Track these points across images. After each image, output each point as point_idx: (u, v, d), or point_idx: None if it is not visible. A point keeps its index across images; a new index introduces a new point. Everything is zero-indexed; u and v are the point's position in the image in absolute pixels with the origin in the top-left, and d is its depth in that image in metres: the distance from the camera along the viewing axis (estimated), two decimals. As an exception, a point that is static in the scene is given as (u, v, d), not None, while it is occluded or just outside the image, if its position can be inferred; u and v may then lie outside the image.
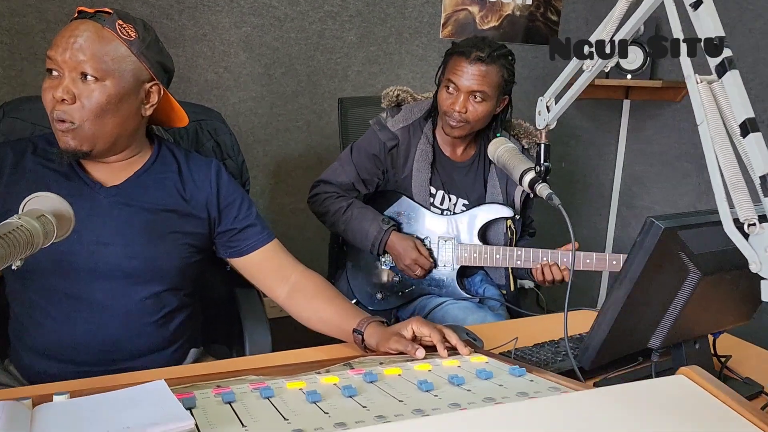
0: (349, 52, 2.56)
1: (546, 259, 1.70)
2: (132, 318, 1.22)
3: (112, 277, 1.20)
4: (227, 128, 1.66)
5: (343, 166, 1.82)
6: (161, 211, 1.24)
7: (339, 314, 1.26)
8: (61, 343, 1.20)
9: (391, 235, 1.73)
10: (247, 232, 1.33)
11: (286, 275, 1.33)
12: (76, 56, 1.11)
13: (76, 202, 1.19)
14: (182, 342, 1.31)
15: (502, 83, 1.72)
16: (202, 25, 2.33)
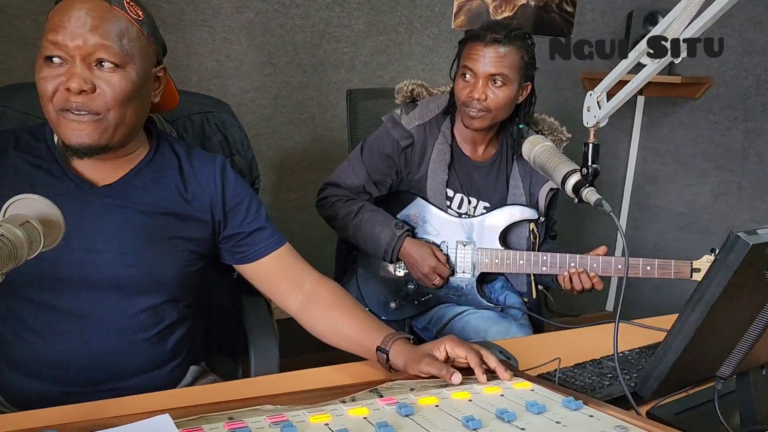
0: (357, 41, 2.42)
1: (574, 265, 1.58)
2: (126, 333, 1.09)
3: (103, 288, 1.06)
4: (236, 121, 1.53)
5: (353, 167, 1.68)
6: (160, 214, 1.11)
7: (360, 329, 1.14)
8: (46, 361, 1.06)
9: (405, 241, 1.60)
10: (256, 236, 1.19)
11: (299, 283, 1.20)
12: (92, 40, 0.97)
13: (65, 203, 1.04)
14: (181, 359, 1.18)
15: (522, 65, 1.59)
16: (202, 9, 2.18)
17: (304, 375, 1.11)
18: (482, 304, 1.66)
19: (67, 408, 0.93)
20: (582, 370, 1.14)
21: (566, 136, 1.75)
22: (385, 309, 1.71)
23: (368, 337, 1.11)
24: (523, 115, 1.69)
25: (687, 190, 2.97)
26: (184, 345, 1.19)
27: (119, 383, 1.09)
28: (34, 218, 0.79)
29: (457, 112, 1.66)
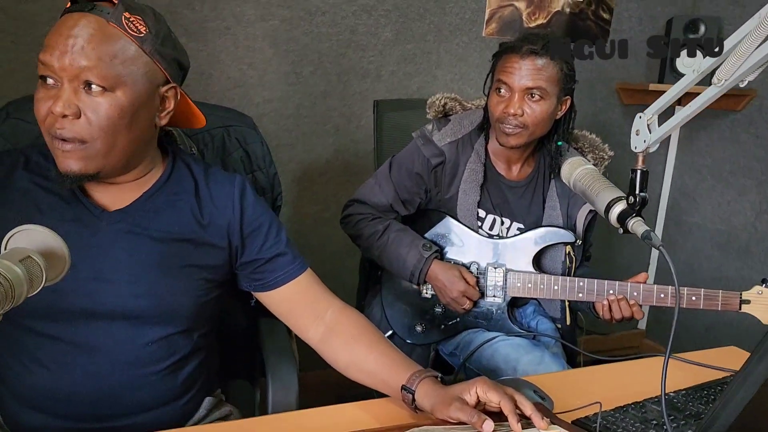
0: (384, 50, 2.35)
1: (613, 292, 1.49)
2: (136, 366, 1.02)
3: (113, 319, 1.00)
4: (258, 135, 1.47)
5: (380, 184, 1.61)
6: (174, 241, 1.04)
7: (384, 364, 1.06)
8: (52, 394, 1.00)
9: (432, 263, 1.52)
10: (275, 263, 1.12)
11: (320, 313, 1.12)
12: (78, 62, 0.90)
13: (74, 229, 0.99)
14: (194, 392, 1.11)
15: (561, 78, 1.49)
16: (225, 17, 2.12)
17: (323, 414, 1.03)
18: (513, 330, 1.57)
19: None
20: (624, 414, 1.05)
21: (608, 155, 1.66)
22: (411, 332, 1.63)
23: (393, 374, 1.03)
24: (563, 131, 1.59)
25: (726, 207, 2.84)
26: (198, 376, 1.12)
27: (128, 419, 1.02)
28: (37, 252, 0.73)
29: (491, 129, 1.58)
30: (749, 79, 0.86)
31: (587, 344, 2.84)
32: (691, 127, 2.95)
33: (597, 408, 1.05)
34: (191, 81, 2.10)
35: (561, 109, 1.54)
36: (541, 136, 1.55)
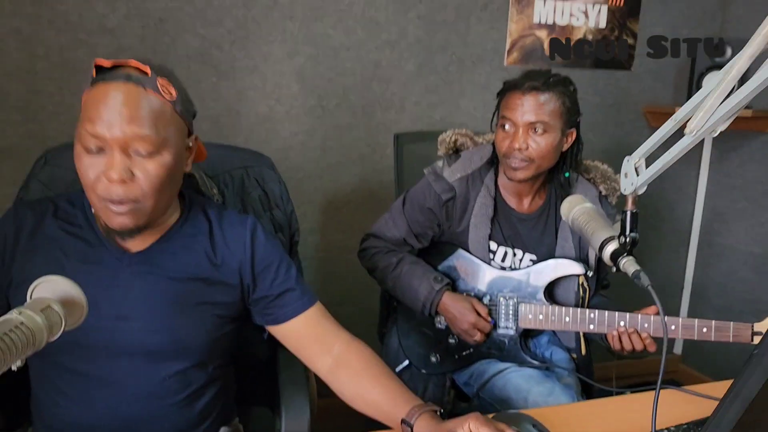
0: (407, 82, 2.42)
1: (624, 324, 1.50)
2: (154, 399, 1.10)
3: (132, 355, 1.08)
4: (276, 175, 1.54)
5: (394, 219, 1.67)
6: (188, 280, 1.12)
7: (387, 398, 1.11)
8: (77, 425, 1.09)
9: (444, 295, 1.57)
10: (285, 298, 1.19)
11: (328, 346, 1.18)
12: (129, 132, 0.97)
13: (96, 271, 1.08)
14: (210, 421, 1.19)
15: (564, 111, 1.53)
16: (253, 56, 2.23)
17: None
18: (525, 360, 1.60)
19: None
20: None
21: (618, 185, 1.68)
22: (426, 362, 1.67)
23: (395, 407, 1.09)
24: (570, 162, 1.63)
25: (759, 229, 2.80)
26: (214, 407, 1.20)
27: None
28: (57, 301, 0.81)
29: (500, 163, 1.62)
30: (720, 129, 0.89)
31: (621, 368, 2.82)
32: (721, 148, 2.93)
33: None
34: (221, 118, 2.23)
35: (567, 142, 1.58)
36: (549, 169, 1.59)
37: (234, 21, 2.19)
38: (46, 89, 2.04)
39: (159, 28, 2.12)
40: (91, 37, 2.05)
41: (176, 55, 2.15)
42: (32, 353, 0.77)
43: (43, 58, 2.02)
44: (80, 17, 2.03)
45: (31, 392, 1.16)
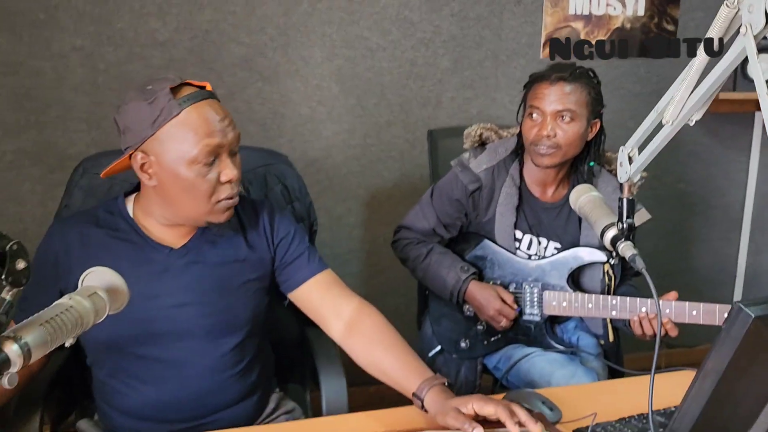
0: (443, 78, 2.49)
1: (645, 309, 1.54)
2: (215, 373, 1.24)
3: (192, 336, 1.22)
4: (293, 171, 1.66)
5: (423, 210, 1.76)
6: (230, 263, 1.26)
7: (399, 368, 1.20)
8: (155, 405, 1.23)
9: (470, 284, 1.64)
10: (296, 264, 1.32)
11: (338, 310, 1.29)
12: (235, 134, 1.18)
13: (149, 268, 1.22)
14: (262, 390, 1.34)
15: (589, 101, 1.60)
16: (294, 60, 2.36)
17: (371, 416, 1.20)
18: (551, 345, 1.66)
19: None
20: (624, 425, 1.13)
21: (641, 174, 1.71)
22: (456, 348, 1.75)
23: (406, 378, 1.18)
24: (594, 152, 1.67)
25: (813, 213, 2.73)
26: (263, 377, 1.34)
27: (215, 416, 1.25)
28: (102, 289, 0.94)
29: (525, 153, 1.68)
30: (696, 118, 0.93)
31: (671, 357, 2.82)
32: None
33: (598, 418, 1.14)
34: (267, 121, 2.37)
35: (591, 132, 1.63)
36: (573, 158, 1.64)
37: (275, 29, 2.32)
38: (107, 100, 2.22)
39: (206, 39, 2.27)
40: (145, 51, 2.22)
41: (223, 63, 2.30)
42: (81, 332, 0.90)
43: (104, 72, 2.21)
44: (135, 33, 2.21)
45: (95, 384, 1.30)
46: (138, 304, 1.17)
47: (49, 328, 0.83)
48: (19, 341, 0.79)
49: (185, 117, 1.13)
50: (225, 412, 1.26)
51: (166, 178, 1.16)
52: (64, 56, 2.16)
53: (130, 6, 2.18)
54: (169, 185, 1.17)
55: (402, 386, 1.18)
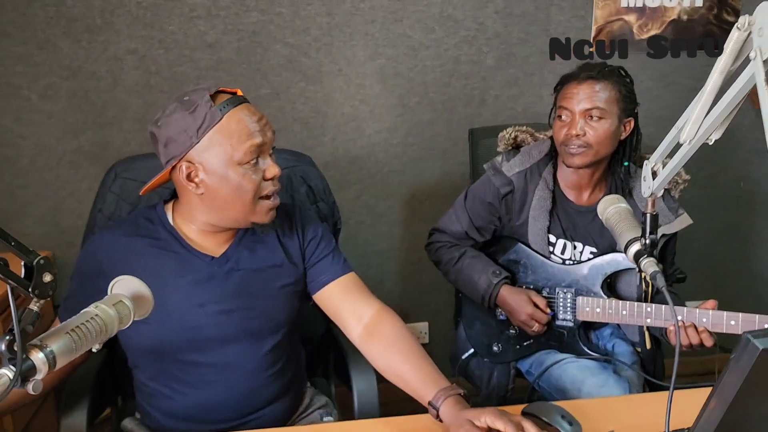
0: (487, 76, 2.47)
1: (681, 318, 1.50)
2: (258, 373, 1.29)
3: (238, 340, 1.27)
4: (317, 171, 1.69)
5: (456, 213, 1.76)
6: (268, 268, 1.31)
7: (416, 377, 1.22)
8: (196, 407, 1.28)
9: (501, 288, 1.64)
10: (321, 265, 1.36)
11: (359, 314, 1.31)
12: (271, 130, 1.26)
13: (194, 277, 1.26)
14: (297, 386, 1.39)
15: (620, 99, 1.56)
16: (338, 60, 2.38)
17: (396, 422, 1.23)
18: (584, 352, 1.64)
19: None
20: (642, 443, 1.12)
21: (683, 179, 1.66)
22: (488, 351, 1.75)
23: (422, 387, 1.19)
24: (629, 152, 1.64)
25: None
26: (297, 373, 1.39)
27: (257, 414, 1.31)
28: (128, 297, 1.00)
29: (559, 156, 1.66)
30: (715, 137, 0.90)
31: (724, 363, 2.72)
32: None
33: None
34: (311, 119, 2.41)
35: (625, 131, 1.59)
36: (606, 157, 1.61)
37: (319, 29, 2.35)
38: (159, 101, 2.31)
39: (252, 41, 2.32)
40: (194, 53, 2.30)
41: (269, 63, 2.35)
42: (106, 339, 0.96)
43: (155, 74, 2.29)
44: (185, 35, 2.28)
45: (137, 387, 1.35)
46: (184, 312, 1.23)
47: (75, 337, 0.89)
48: (44, 349, 0.85)
49: (227, 122, 1.18)
50: (266, 410, 1.32)
51: (214, 183, 1.21)
52: (119, 59, 2.26)
53: (180, 10, 2.26)
54: (217, 190, 1.21)
55: (418, 394, 1.20)
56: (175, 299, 1.24)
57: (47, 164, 2.29)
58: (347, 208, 2.50)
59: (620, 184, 1.65)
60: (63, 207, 2.31)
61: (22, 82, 2.22)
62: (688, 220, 1.63)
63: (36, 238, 2.29)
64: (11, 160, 2.27)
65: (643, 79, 2.55)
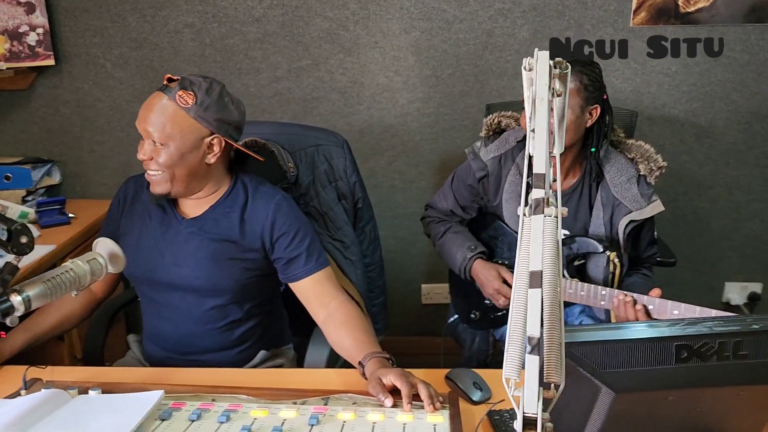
0: (521, 49, 2.50)
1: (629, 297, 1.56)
2: (199, 323, 1.54)
3: (184, 290, 1.52)
4: (343, 152, 1.82)
5: (444, 193, 1.89)
6: (223, 241, 1.50)
7: (354, 345, 1.40)
8: (156, 334, 1.58)
9: (474, 262, 1.77)
10: (295, 262, 1.51)
11: (325, 303, 1.49)
12: (147, 129, 1.40)
13: (166, 230, 1.53)
14: (248, 345, 1.59)
15: (580, 89, 1.62)
16: (374, 33, 2.52)
17: (315, 373, 1.44)
18: (548, 327, 1.74)
19: (158, 370, 1.46)
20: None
21: (659, 165, 1.68)
22: (468, 318, 1.90)
23: (357, 352, 1.37)
24: (598, 138, 1.68)
25: None
26: (252, 335, 1.59)
27: (200, 356, 1.55)
28: (102, 254, 1.25)
29: None
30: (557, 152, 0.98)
31: None
32: None
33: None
34: (347, 89, 2.59)
35: (591, 118, 1.64)
36: (571, 145, 1.66)
37: (357, 3, 2.49)
38: (212, 70, 2.57)
39: (295, 15, 2.51)
40: (243, 26, 2.53)
41: (309, 36, 2.53)
42: (82, 287, 1.22)
43: (209, 45, 2.55)
44: (235, 10, 2.51)
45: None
46: (149, 256, 1.51)
47: (50, 285, 1.16)
48: (21, 294, 1.12)
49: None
50: (207, 355, 1.54)
51: None
52: (178, 32, 2.54)
53: (231, -14, 2.49)
54: None
55: (353, 358, 1.38)
56: (147, 244, 1.51)
57: (119, 124, 2.64)
58: (381, 173, 2.68)
59: (595, 169, 1.70)
60: (132, 161, 2.65)
61: (98, 52, 2.57)
62: (660, 207, 1.67)
63: (111, 187, 2.65)
64: (90, 119, 2.64)
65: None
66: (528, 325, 0.70)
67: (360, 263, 1.85)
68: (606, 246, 1.66)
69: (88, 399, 1.22)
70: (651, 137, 2.59)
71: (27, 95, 2.62)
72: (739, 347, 0.92)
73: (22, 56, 2.51)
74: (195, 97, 1.42)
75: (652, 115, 2.58)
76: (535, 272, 0.70)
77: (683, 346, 0.91)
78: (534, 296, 0.69)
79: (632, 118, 2.22)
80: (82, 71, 2.59)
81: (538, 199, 0.73)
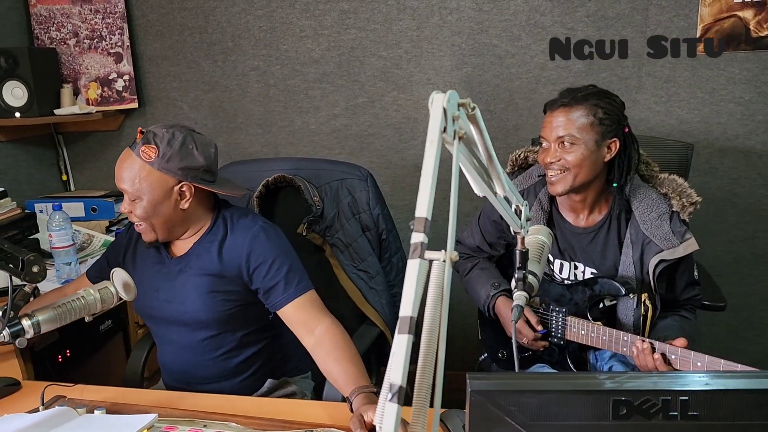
0: (576, 81, 2.42)
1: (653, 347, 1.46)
2: (196, 354, 1.60)
3: (178, 324, 1.59)
4: (366, 185, 1.88)
5: (471, 229, 1.87)
6: (204, 275, 1.56)
7: (343, 377, 1.41)
8: (163, 363, 1.69)
9: (497, 300, 1.73)
10: (274, 291, 1.53)
11: (311, 327, 1.50)
12: (121, 186, 1.49)
13: (160, 269, 1.63)
14: (251, 373, 1.64)
15: (595, 123, 1.56)
16: (426, 70, 2.56)
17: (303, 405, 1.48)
18: (570, 370, 1.66)
19: (173, 393, 1.54)
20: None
21: (692, 200, 1.57)
22: (496, 356, 1.85)
23: (345, 385, 1.38)
24: (620, 173, 1.61)
25: None
26: (252, 363, 1.63)
27: (203, 385, 1.60)
28: (116, 283, 1.37)
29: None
30: (499, 192, 0.95)
31: None
32: None
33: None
34: (402, 125, 2.64)
35: (610, 152, 1.57)
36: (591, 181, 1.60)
37: (410, 42, 2.54)
38: (276, 109, 2.73)
39: (351, 55, 2.61)
40: (303, 68, 2.66)
41: (364, 75, 2.61)
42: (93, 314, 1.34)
43: (273, 86, 2.71)
44: (296, 53, 2.65)
45: None
46: (147, 293, 1.60)
47: (59, 311, 1.29)
48: (32, 318, 1.25)
49: None
50: (209, 385, 1.59)
51: None
52: (245, 75, 2.72)
53: (292, 31, 2.63)
54: None
55: (342, 391, 1.40)
56: (146, 282, 1.59)
57: (193, 161, 2.84)
58: (435, 205, 2.68)
59: (621, 204, 1.62)
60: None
61: (176, 95, 2.80)
62: (695, 246, 1.55)
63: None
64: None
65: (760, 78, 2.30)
66: (390, 371, 0.69)
67: (386, 293, 1.88)
68: (630, 288, 1.57)
69: (90, 418, 1.32)
70: (722, 170, 2.42)
71: (117, 135, 2.90)
72: (687, 406, 0.85)
73: (111, 101, 2.78)
74: (157, 149, 1.47)
75: (724, 147, 2.41)
76: (404, 317, 0.69)
77: (622, 401, 0.86)
78: (400, 342, 0.68)
79: (687, 151, 2.08)
80: (163, 113, 2.83)
81: (415, 243, 0.73)
